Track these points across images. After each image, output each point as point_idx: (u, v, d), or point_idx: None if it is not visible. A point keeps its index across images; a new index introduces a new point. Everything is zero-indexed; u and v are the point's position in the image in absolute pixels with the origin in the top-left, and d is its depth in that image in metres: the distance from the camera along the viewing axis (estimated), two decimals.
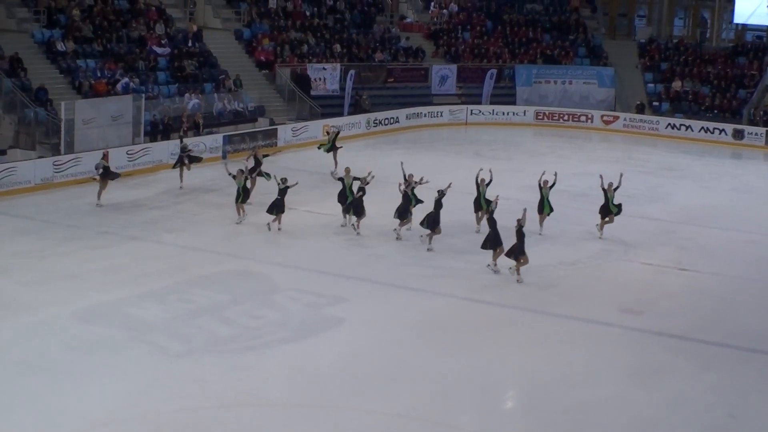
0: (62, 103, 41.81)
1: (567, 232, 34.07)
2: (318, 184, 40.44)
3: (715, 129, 54.42)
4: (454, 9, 64.72)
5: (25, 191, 36.44)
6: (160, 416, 19.84)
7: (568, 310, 26.86)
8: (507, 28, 63.78)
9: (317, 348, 23.75)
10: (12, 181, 36.78)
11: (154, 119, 44.97)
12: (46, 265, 28.93)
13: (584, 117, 57.07)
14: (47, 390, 20.59)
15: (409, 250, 31.02)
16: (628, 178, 35.32)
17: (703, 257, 31.72)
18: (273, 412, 20.46)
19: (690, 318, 26.63)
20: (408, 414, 20.37)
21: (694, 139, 54.21)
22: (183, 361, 22.65)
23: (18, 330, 23.79)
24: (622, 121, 56.48)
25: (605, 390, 22.03)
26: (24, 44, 45.96)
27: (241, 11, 56.64)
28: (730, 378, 22.93)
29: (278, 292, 27.52)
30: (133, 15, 51.56)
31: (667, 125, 55.68)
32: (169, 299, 26.43)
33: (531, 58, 61.30)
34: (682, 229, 33.50)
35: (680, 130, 55.03)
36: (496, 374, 22.83)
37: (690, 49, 62.78)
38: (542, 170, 36.86)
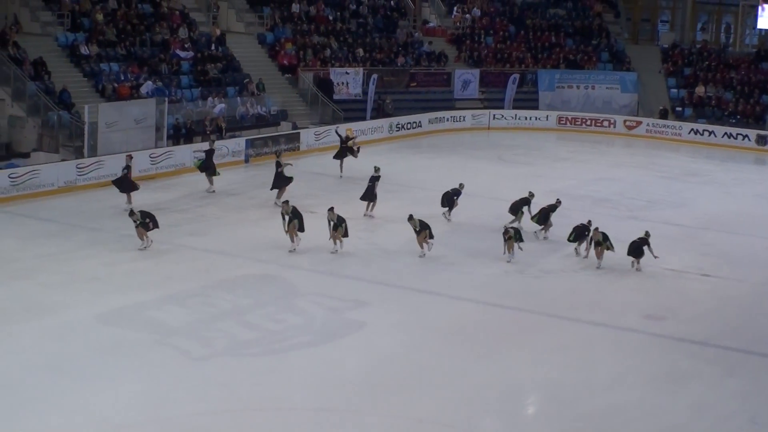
0: (86, 106, 41.87)
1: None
2: (340, 188, 40.63)
3: (738, 135, 54.33)
4: (477, 14, 64.77)
5: (48, 194, 36.57)
6: (181, 420, 19.89)
7: (590, 316, 26.86)
8: (530, 33, 63.81)
9: (339, 352, 23.81)
10: (36, 184, 36.94)
11: (176, 123, 45.07)
12: (69, 267, 29.02)
13: (607, 122, 57.02)
14: (70, 392, 20.72)
15: (431, 254, 30.92)
16: (651, 183, 35.38)
17: (726, 263, 31.65)
18: (295, 416, 20.45)
19: (713, 324, 26.58)
20: (430, 419, 20.37)
21: (717, 144, 54.07)
22: (205, 364, 22.70)
23: (42, 332, 23.93)
24: (644, 126, 56.34)
25: (628, 396, 22.00)
26: (48, 48, 46.14)
27: (264, 15, 56.77)
28: (753, 385, 22.91)
29: (300, 296, 27.55)
30: (157, 19, 51.71)
31: (690, 131, 55.51)
32: (191, 302, 26.51)
33: (554, 63, 61.33)
34: (704, 235, 33.42)
35: (703, 135, 54.93)
36: (518, 380, 22.86)
37: (713, 54, 62.72)
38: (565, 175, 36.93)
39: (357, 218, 34.51)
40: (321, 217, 32.37)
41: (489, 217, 35.34)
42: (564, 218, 35.46)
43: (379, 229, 33.89)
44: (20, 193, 36.09)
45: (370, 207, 36.64)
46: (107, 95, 44.82)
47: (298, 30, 57.19)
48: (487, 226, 33.47)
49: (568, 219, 35.39)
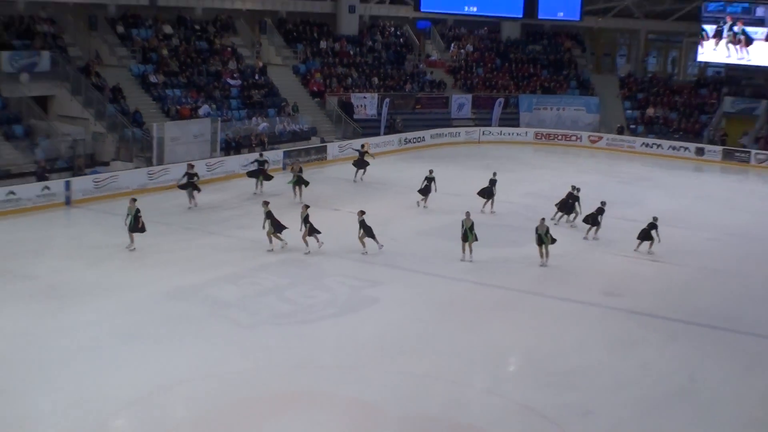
0: (154, 124, 42.15)
1: (561, 231, 34.06)
2: (359, 190, 40.81)
3: (681, 147, 54.21)
4: (470, 49, 64.69)
5: (124, 195, 36.45)
6: (232, 374, 20.17)
7: (560, 293, 26.92)
8: (512, 65, 63.65)
9: (358, 322, 24.03)
10: (114, 187, 37.22)
11: (227, 138, 45.18)
12: (142, 254, 29.15)
13: (574, 137, 56.89)
14: (144, 353, 20.96)
15: (431, 243, 31.09)
16: (610, 186, 35.52)
17: (671, 251, 31.65)
18: (323, 372, 20.71)
19: (659, 300, 26.59)
20: (431, 374, 20.62)
21: (663, 155, 53.90)
22: (251, 331, 22.94)
23: (120, 306, 24.15)
24: (605, 140, 56.19)
25: (589, 357, 22.17)
26: (123, 77, 46.25)
27: (297, 51, 56.69)
28: (692, 349, 23.01)
29: (327, 276, 27.67)
30: (211, 53, 51.85)
31: (641, 144, 55.43)
32: (240, 282, 26.67)
33: (532, 89, 61.16)
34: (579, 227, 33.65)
35: (652, 148, 54.81)
36: (500, 344, 23.00)
37: (661, 82, 62.53)
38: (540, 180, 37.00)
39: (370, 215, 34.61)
40: (343, 213, 32.52)
41: (480, 213, 35.48)
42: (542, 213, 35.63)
43: (391, 223, 33.93)
44: (102, 194, 36.31)
45: (424, 200, 37.06)
46: (171, 115, 45.02)
47: (325, 62, 57.26)
48: (481, 221, 33.54)
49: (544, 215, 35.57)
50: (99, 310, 23.88)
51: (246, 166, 40.59)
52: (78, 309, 23.92)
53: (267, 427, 18.01)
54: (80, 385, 19.16)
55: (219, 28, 54.15)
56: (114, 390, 18.96)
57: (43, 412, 18.03)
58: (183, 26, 52.35)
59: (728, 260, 31.69)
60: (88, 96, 43.13)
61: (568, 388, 20.22)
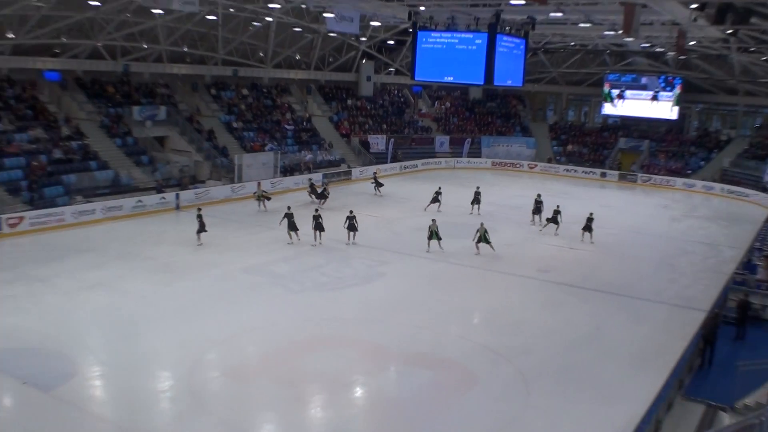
0: (236, 155, 42.06)
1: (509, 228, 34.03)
2: (374, 200, 40.56)
3: (590, 171, 54.05)
4: (448, 105, 64.52)
5: (215, 203, 36.70)
6: (286, 325, 20.29)
7: (508, 270, 26.87)
8: (476, 116, 63.46)
9: (372, 289, 24.06)
10: (208, 197, 37.20)
11: (284, 164, 45.10)
12: (226, 242, 29.19)
13: (518, 165, 56.60)
14: (227, 310, 21.04)
15: (422, 236, 30.94)
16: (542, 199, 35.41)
17: (583, 243, 31.63)
18: (350, 322, 20.80)
19: (575, 275, 26.52)
20: (422, 325, 20.63)
21: (579, 177, 53.60)
22: (299, 296, 22.94)
23: (211, 278, 24.26)
24: (539, 167, 55.90)
25: (529, 313, 22.19)
26: (215, 123, 46.25)
27: (332, 106, 56.67)
28: (597, 308, 23.01)
29: (352, 258, 27.64)
30: (274, 108, 51.76)
31: (563, 169, 55.17)
32: (291, 262, 26.67)
33: (490, 132, 60.86)
34: (572, 227, 33.37)
35: (571, 172, 54.49)
36: (469, 304, 23.03)
37: (577, 127, 62.47)
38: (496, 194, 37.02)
39: (381, 217, 34.61)
40: (362, 216, 32.32)
41: (457, 214, 35.43)
42: (496, 217, 35.57)
43: (395, 222, 33.95)
44: (200, 202, 36.10)
45: (476, 208, 36.99)
46: (247, 149, 44.84)
47: (350, 114, 57.09)
48: (455, 221, 33.39)
49: (500, 218, 35.51)
50: (197, 280, 23.99)
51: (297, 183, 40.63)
52: (183, 280, 24.02)
53: (309, 359, 18.04)
54: (184, 331, 19.28)
55: (279, 90, 54.02)
56: (207, 334, 19.13)
57: (158, 349, 18.18)
58: (255, 89, 52.21)
59: (623, 248, 31.53)
60: (191, 136, 43.20)
61: (514, 334, 20.27)
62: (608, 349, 19.54)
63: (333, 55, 56.50)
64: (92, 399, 15.84)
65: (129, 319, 20.17)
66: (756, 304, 21.31)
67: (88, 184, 34.88)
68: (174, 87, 47.14)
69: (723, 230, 36.74)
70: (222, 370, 17.39)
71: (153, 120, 42.43)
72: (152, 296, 22.08)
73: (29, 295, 21.68)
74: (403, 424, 15.24)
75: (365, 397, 16.63)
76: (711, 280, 26.35)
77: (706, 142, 56.05)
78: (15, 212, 29.96)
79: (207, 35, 45.85)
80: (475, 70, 25.84)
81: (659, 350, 19.24)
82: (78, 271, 24.32)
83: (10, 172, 32.76)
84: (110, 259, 26.08)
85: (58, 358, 17.30)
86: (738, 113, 57.09)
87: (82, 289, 22.40)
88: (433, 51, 27.25)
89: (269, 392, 16.28)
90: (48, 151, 35.22)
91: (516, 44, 27.05)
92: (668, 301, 24.07)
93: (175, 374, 16.87)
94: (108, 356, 17.85)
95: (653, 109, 56.76)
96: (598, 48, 51.63)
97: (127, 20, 39.11)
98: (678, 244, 32.70)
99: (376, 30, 49.35)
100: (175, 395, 15.99)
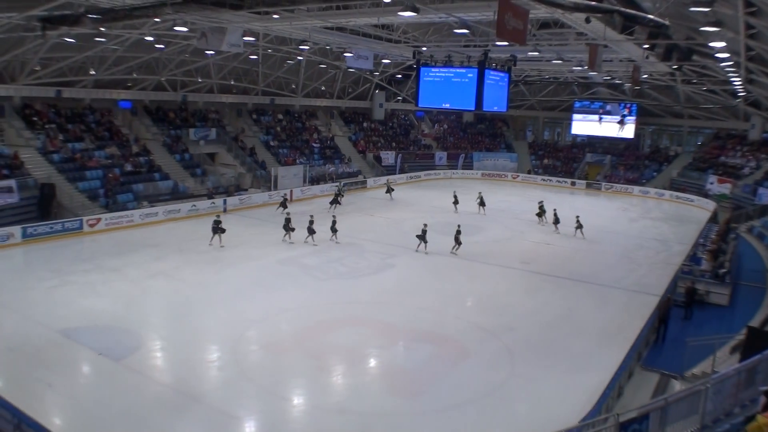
0: (272, 168, 41.83)
1: (497, 227, 33.76)
2: (386, 204, 40.23)
3: (563, 181, 53.53)
4: (445, 127, 64.28)
5: (255, 207, 36.65)
6: (313, 306, 20.01)
7: (496, 261, 26.58)
8: (469, 135, 63.21)
9: (384, 277, 23.78)
10: (250, 202, 37.01)
11: (312, 176, 44.97)
12: (263, 238, 29.03)
13: (504, 175, 56.17)
14: (265, 294, 20.90)
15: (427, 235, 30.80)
16: (522, 202, 35.14)
17: (558, 238, 31.33)
18: (365, 304, 20.54)
19: (552, 265, 26.22)
20: (425, 306, 20.41)
21: (552, 185, 53.07)
22: (325, 282, 22.72)
23: (251, 268, 24.11)
24: (521, 177, 55.44)
25: (513, 298, 21.89)
26: (256, 142, 46.11)
27: (351, 128, 56.51)
28: (570, 293, 22.70)
29: (367, 252, 27.42)
30: (304, 129, 51.64)
31: (540, 179, 54.73)
32: (319, 255, 26.44)
33: (480, 149, 60.65)
34: (548, 226, 33.14)
35: (546, 181, 54.10)
36: (464, 290, 22.74)
37: (551, 144, 62.01)
38: (486, 199, 36.80)
39: (391, 218, 34.34)
40: (375, 217, 32.18)
41: (453, 217, 35.17)
42: (485, 219, 35.27)
43: (403, 222, 33.70)
44: (243, 207, 36.21)
45: (482, 210, 36.67)
46: (281, 163, 44.69)
47: (366, 134, 56.88)
48: (453, 221, 33.17)
49: (488, 218, 35.21)
50: (240, 269, 23.82)
51: (323, 191, 40.26)
52: (229, 270, 23.82)
53: (333, 335, 17.86)
54: (229, 312, 19.16)
55: (308, 115, 53.83)
56: (248, 314, 19.00)
57: (207, 327, 18.10)
58: (288, 114, 52.01)
59: (591, 244, 31.07)
60: (236, 152, 43.03)
61: (502, 314, 20.03)
62: (579, 327, 19.26)
63: (351, 86, 56.37)
64: (154, 367, 15.71)
65: (185, 301, 20.06)
66: (701, 290, 21.02)
67: (153, 192, 34.80)
68: (222, 113, 47.01)
69: (673, 229, 36.31)
70: (260, 344, 17.23)
71: (205, 139, 42.30)
72: (204, 283, 21.93)
73: (104, 282, 21.64)
74: (410, 388, 15.03)
75: (378, 367, 16.43)
76: (663, 270, 26.00)
77: (658, 156, 55.69)
78: (94, 214, 29.98)
79: (249, 71, 45.88)
80: (468, 98, 25.68)
81: (621, 328, 18.97)
82: (144, 263, 24.25)
83: (91, 182, 32.83)
84: (170, 252, 25.99)
85: (127, 333, 17.21)
86: (683, 133, 56.72)
87: (147, 277, 22.33)
88: (433, 83, 27.10)
89: (299, 362, 16.10)
90: (121, 165, 35.23)
91: (501, 77, 26.87)
92: (628, 287, 23.73)
93: (222, 347, 16.73)
94: (167, 332, 17.75)
95: (614, 130, 56.32)
96: (568, 80, 51.29)
97: (186, 59, 39.31)
98: (635, 241, 32.30)
99: (386, 66, 49.20)
100: (222, 365, 15.85)
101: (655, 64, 31.27)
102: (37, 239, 27.03)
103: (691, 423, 9.99)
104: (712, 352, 14.55)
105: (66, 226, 28.31)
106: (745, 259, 26.75)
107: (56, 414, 13.43)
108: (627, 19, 20.46)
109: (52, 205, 30.21)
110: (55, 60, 34.15)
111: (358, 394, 14.69)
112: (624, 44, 25.15)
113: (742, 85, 37.08)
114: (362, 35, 29.99)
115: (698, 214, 41.51)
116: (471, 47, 29.18)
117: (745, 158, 47.83)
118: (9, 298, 19.73)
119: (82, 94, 37.82)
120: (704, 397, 9.96)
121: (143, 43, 33.70)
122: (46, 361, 15.47)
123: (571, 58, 31.78)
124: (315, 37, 28.76)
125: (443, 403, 14.31)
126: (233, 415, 13.65)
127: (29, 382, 14.45)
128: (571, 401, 14.25)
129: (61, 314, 18.44)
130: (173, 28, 24.82)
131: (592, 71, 31.87)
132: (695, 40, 26.39)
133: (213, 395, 14.38)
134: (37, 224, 27.66)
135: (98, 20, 23.08)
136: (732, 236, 28.93)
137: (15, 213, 28.68)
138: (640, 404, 10.74)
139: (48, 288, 20.89)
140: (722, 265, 22.60)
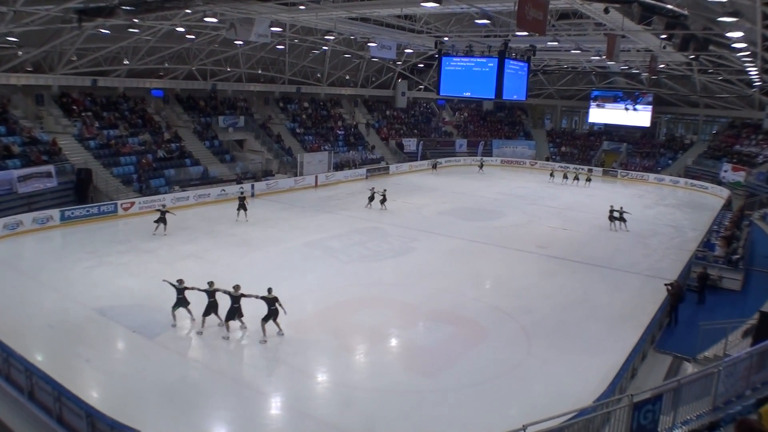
0: (299, 154, 41.87)
1: (515, 212, 33.53)
2: (408, 190, 40.06)
3: (580, 167, 53.05)
4: (465, 115, 63.88)
5: (282, 192, 36.85)
6: (337, 288, 20.06)
7: (514, 246, 26.44)
8: (489, 123, 62.78)
9: (405, 260, 23.73)
10: (277, 187, 37.13)
11: (336, 162, 44.96)
12: (291, 222, 29.19)
13: (523, 162, 55.88)
14: (292, 275, 20.95)
15: (445, 219, 30.68)
16: (541, 188, 34.81)
17: (574, 223, 31.07)
18: (387, 286, 20.55)
19: (567, 250, 26.06)
20: (444, 288, 20.37)
21: (571, 171, 52.63)
22: (348, 265, 22.76)
23: (278, 251, 24.17)
24: (539, 164, 55.12)
25: (529, 281, 21.78)
26: (283, 129, 46.25)
27: (374, 115, 56.42)
28: (585, 277, 22.53)
29: (389, 236, 27.41)
30: (329, 117, 51.67)
31: (558, 166, 54.05)
32: (342, 239, 26.48)
33: (499, 137, 60.24)
34: (565, 212, 32.87)
35: (565, 169, 53.64)
36: (482, 272, 22.67)
37: (569, 133, 61.38)
38: (504, 185, 36.39)
39: (409, 203, 34.32)
40: (398, 202, 32.04)
41: (473, 203, 35.02)
42: (505, 204, 35.06)
43: (424, 207, 33.65)
44: (270, 191, 36.39)
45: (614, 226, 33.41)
46: (307, 150, 44.74)
47: (388, 122, 56.78)
48: (472, 207, 33.04)
49: (507, 204, 34.97)
50: (268, 252, 23.95)
51: (348, 176, 40.22)
52: (257, 252, 23.98)
53: (355, 316, 17.91)
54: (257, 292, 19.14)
55: (333, 104, 53.80)
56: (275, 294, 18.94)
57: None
58: (314, 103, 52.01)
59: (604, 229, 30.82)
60: (264, 139, 43.14)
61: (519, 297, 19.95)
62: (594, 310, 19.12)
63: (375, 75, 56.11)
64: (185, 345, 15.90)
65: (214, 282, 20.18)
66: (714, 275, 20.71)
67: (184, 177, 35.10)
68: (251, 101, 47.13)
69: (687, 216, 35.80)
70: (286, 323, 17.35)
71: (234, 127, 42.44)
72: (233, 264, 22.07)
73: (138, 263, 21.91)
74: (429, 367, 15.06)
75: (399, 346, 16.45)
76: (677, 256, 25.70)
77: (673, 145, 54.82)
78: (128, 198, 30.32)
79: (276, 60, 45.83)
80: (488, 87, 25.45)
81: (635, 312, 18.80)
82: (176, 245, 24.50)
83: (125, 168, 33.18)
84: (200, 235, 26.22)
85: (159, 312, 17.42)
86: (699, 122, 55.69)
87: (178, 259, 22.56)
88: (455, 72, 26.88)
89: (323, 341, 16.20)
90: (153, 151, 35.54)
91: (520, 66, 26.56)
92: (642, 272, 23.48)
93: (251, 326, 16.86)
94: (197, 311, 17.91)
95: (631, 118, 55.53)
96: (586, 69, 50.50)
97: (215, 49, 39.41)
98: (650, 227, 31.91)
99: (409, 56, 48.87)
100: (250, 342, 15.99)
101: (672, 54, 30.70)
102: (75, 222, 27.45)
103: (703, 404, 9.89)
104: (725, 336, 14.37)
105: (102, 210, 28.71)
106: (758, 245, 26.30)
107: (93, 387, 13.67)
108: (645, 9, 20.07)
109: (89, 189, 30.63)
110: (90, 50, 34.46)
111: (379, 372, 14.76)
112: (641, 34, 24.72)
113: (759, 74, 36.28)
114: (386, 26, 29.82)
115: (712, 201, 40.86)
116: (491, 37, 28.88)
117: (759, 147, 46.91)
118: (49, 278, 20.09)
119: (117, 83, 38.16)
120: (716, 379, 9.84)
121: (174, 33, 33.86)
122: (83, 338, 15.75)
123: (589, 48, 31.33)
124: (340, 27, 28.63)
125: (461, 382, 14.32)
126: (261, 390, 13.80)
127: (68, 357, 14.74)
128: (585, 382, 14.17)
129: (98, 293, 18.74)
130: (203, 19, 24.92)
131: (609, 61, 31.35)
132: (712, 31, 25.85)
133: (241, 372, 14.54)
134: (75, 207, 28.09)
135: (132, 12, 23.22)
136: (746, 223, 28.46)
137: (53, 197, 29.14)
138: (653, 386, 10.64)
139: (85, 268, 21.22)
140: (736, 251, 22.25)
